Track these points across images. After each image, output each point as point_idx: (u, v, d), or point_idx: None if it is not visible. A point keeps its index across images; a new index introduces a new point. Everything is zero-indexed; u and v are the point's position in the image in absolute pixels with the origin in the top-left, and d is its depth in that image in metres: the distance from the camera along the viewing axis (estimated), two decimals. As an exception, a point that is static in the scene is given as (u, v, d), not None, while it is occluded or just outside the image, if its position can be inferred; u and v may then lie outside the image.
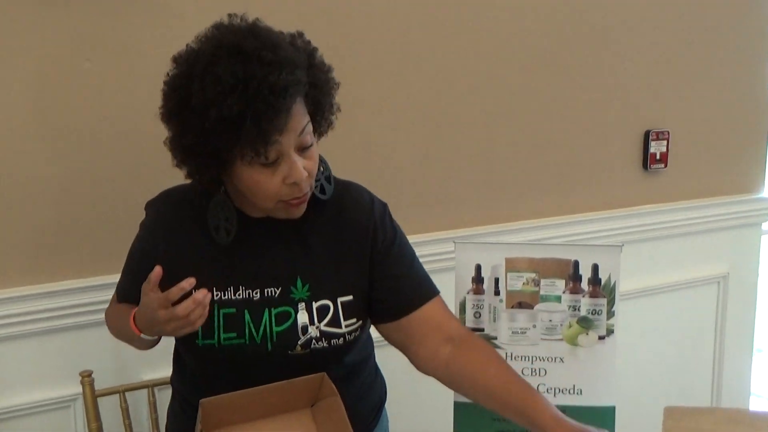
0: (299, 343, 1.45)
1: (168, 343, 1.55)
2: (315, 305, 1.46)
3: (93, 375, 1.83)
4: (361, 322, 1.50)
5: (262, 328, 1.45)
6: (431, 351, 1.47)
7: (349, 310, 1.48)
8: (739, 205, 2.84)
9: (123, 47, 1.87)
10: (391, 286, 1.51)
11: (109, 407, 1.86)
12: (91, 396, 1.82)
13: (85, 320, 1.91)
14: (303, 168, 1.34)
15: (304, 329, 1.45)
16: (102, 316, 1.77)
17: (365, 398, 1.61)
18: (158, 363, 1.74)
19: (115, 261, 1.67)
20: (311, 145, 1.37)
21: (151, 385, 1.90)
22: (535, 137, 2.44)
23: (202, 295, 1.28)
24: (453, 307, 1.61)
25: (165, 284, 1.33)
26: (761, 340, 3.07)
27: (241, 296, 1.45)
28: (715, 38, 2.69)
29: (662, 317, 2.77)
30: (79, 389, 1.83)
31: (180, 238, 1.47)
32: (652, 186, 2.68)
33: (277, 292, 1.45)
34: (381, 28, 2.15)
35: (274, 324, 1.45)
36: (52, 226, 1.87)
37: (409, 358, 1.51)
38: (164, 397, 1.88)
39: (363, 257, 1.50)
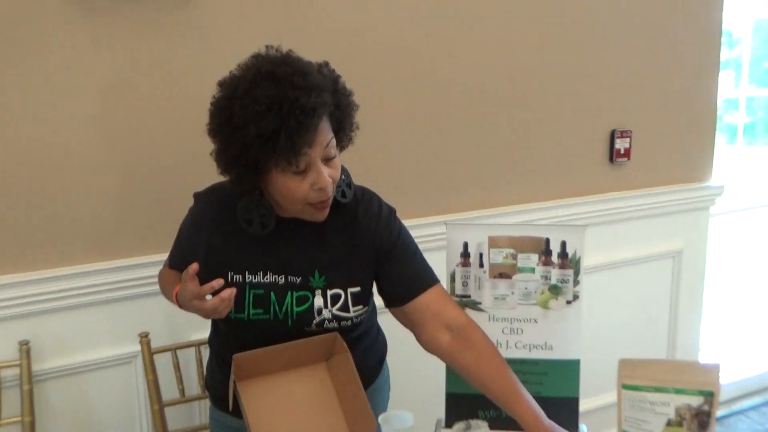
0: (314, 322, 1.46)
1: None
2: (329, 293, 1.46)
3: (149, 336, 1.86)
4: (366, 308, 1.51)
5: (284, 307, 1.46)
6: (431, 336, 1.47)
7: (356, 299, 1.48)
8: (691, 192, 2.82)
9: (172, 65, 1.89)
10: (394, 277, 1.51)
11: (163, 362, 1.89)
12: (148, 353, 1.85)
13: (143, 291, 1.92)
14: (328, 176, 1.35)
15: (319, 311, 1.46)
16: (157, 287, 1.80)
17: (369, 355, 1.62)
18: (204, 326, 1.76)
19: (164, 243, 1.68)
20: (335, 157, 1.38)
21: (198, 344, 1.92)
22: (516, 135, 2.43)
23: (228, 293, 1.31)
24: (445, 278, 1.61)
25: (206, 268, 1.36)
26: (709, 304, 3.06)
27: (268, 280, 1.46)
28: (671, 51, 2.67)
29: (627, 286, 2.76)
30: (139, 348, 1.86)
31: (220, 231, 1.48)
32: (617, 176, 2.67)
33: (299, 279, 1.46)
34: (384, 42, 2.15)
35: (294, 305, 1.46)
36: (114, 215, 1.90)
37: (416, 338, 1.51)
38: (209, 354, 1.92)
39: (370, 255, 1.50)
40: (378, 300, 1.58)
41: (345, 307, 1.47)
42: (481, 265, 1.61)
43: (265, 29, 1.92)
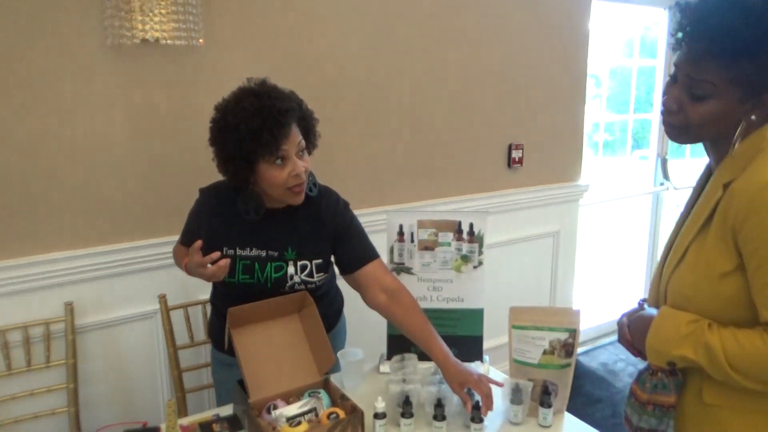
0: (287, 285, 1.46)
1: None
2: (299, 263, 1.46)
3: (166, 296, 1.84)
4: (327, 275, 1.51)
5: (265, 274, 1.45)
6: (372, 296, 1.48)
7: (319, 268, 1.48)
8: (565, 189, 2.87)
9: (184, 95, 1.86)
10: (347, 252, 1.51)
11: (177, 317, 1.87)
12: (165, 310, 1.83)
13: (161, 263, 1.91)
14: (301, 166, 1.37)
15: (291, 277, 1.46)
16: (172, 260, 1.76)
17: (331, 307, 1.62)
18: (207, 288, 1.74)
19: (175, 228, 1.66)
20: (305, 154, 1.40)
21: (204, 303, 1.90)
22: (440, 146, 2.45)
23: (224, 262, 1.32)
24: (386, 251, 1.63)
25: (208, 244, 1.36)
26: (579, 269, 3.13)
27: (254, 254, 1.46)
28: (551, 87, 2.71)
29: (521, 256, 2.80)
30: (158, 306, 1.84)
31: (219, 216, 1.47)
32: (512, 177, 2.70)
33: (276, 253, 1.46)
34: (341, 73, 2.14)
35: (273, 272, 1.46)
36: (138, 208, 1.86)
37: (361, 298, 1.52)
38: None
39: (329, 236, 1.50)
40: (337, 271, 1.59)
41: (310, 274, 1.47)
42: (412, 241, 1.63)
43: (256, 69, 1.90)
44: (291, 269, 1.46)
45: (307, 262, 1.47)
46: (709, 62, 0.93)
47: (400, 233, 1.62)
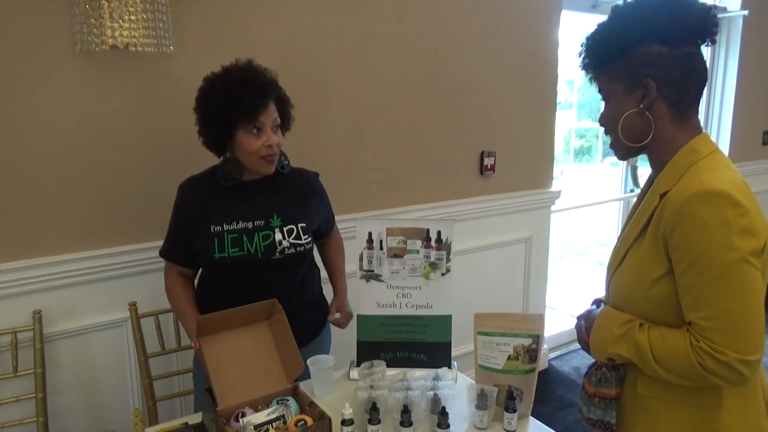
0: (277, 250, 1.52)
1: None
2: (285, 229, 1.54)
3: (137, 304, 1.82)
4: (312, 238, 1.60)
5: (254, 244, 1.51)
6: (322, 246, 1.78)
7: (304, 230, 1.57)
8: (537, 195, 2.90)
9: (154, 99, 1.85)
10: (323, 217, 1.68)
11: (148, 325, 1.85)
12: (136, 318, 1.81)
13: (132, 271, 1.89)
14: (274, 138, 1.47)
15: (280, 242, 1.53)
16: (142, 268, 1.77)
17: (310, 309, 1.67)
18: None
19: (143, 236, 1.66)
20: (278, 131, 1.50)
21: (174, 310, 1.90)
22: (413, 154, 2.46)
23: None
24: (355, 258, 1.65)
25: (196, 224, 1.49)
26: (551, 274, 3.17)
27: (240, 226, 1.51)
28: (523, 96, 2.74)
29: (493, 262, 2.82)
30: (128, 314, 1.82)
31: (202, 196, 1.54)
32: (485, 184, 2.72)
33: (262, 222, 1.53)
34: (312, 80, 2.15)
35: (261, 241, 1.51)
36: (107, 215, 1.85)
37: (318, 250, 1.77)
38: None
39: (312, 200, 1.62)
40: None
41: (298, 237, 1.54)
42: (381, 248, 1.64)
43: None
44: (278, 236, 1.53)
45: (293, 226, 1.55)
46: (599, 75, 1.12)
47: (369, 241, 1.63)
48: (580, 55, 1.14)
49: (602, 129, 1.17)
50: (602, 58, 1.10)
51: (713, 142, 1.10)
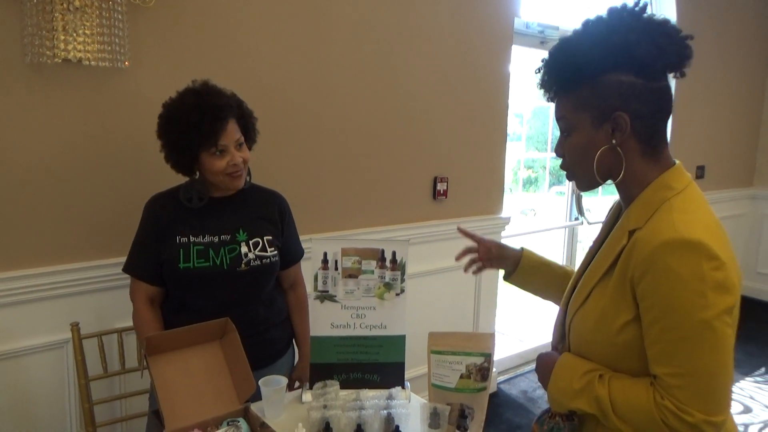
0: (243, 262, 1.54)
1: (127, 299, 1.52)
2: (251, 242, 1.57)
3: (79, 325, 1.75)
4: (277, 251, 1.62)
5: (220, 256, 1.52)
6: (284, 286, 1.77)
7: (270, 242, 1.60)
8: (488, 221, 2.97)
9: (107, 109, 1.83)
10: (285, 243, 1.69)
11: (90, 347, 1.77)
12: (78, 339, 1.74)
13: (76, 290, 1.83)
14: (239, 156, 1.49)
15: (245, 255, 1.55)
16: (87, 287, 1.71)
17: (278, 326, 1.70)
18: (125, 316, 1.68)
19: (97, 252, 1.61)
20: (242, 147, 1.52)
21: (120, 331, 1.82)
22: (367, 179, 2.49)
23: None
24: (310, 279, 1.64)
25: (163, 237, 1.50)
26: (501, 297, 3.22)
27: (207, 240, 1.53)
28: (475, 126, 2.83)
29: (445, 285, 2.85)
30: (70, 335, 1.74)
31: (169, 214, 1.54)
32: (438, 209, 2.77)
33: (228, 237, 1.55)
34: (268, 98, 2.16)
35: (227, 254, 1.53)
36: (51, 230, 1.78)
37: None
38: (130, 339, 1.83)
39: (275, 215, 1.67)
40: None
41: (264, 249, 1.57)
42: (336, 269, 1.63)
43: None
44: (244, 248, 1.55)
45: (259, 239, 1.58)
46: (560, 100, 1.03)
47: (325, 261, 1.62)
48: (538, 71, 1.04)
49: (557, 159, 1.08)
50: (568, 80, 1.00)
51: (687, 174, 1.02)
